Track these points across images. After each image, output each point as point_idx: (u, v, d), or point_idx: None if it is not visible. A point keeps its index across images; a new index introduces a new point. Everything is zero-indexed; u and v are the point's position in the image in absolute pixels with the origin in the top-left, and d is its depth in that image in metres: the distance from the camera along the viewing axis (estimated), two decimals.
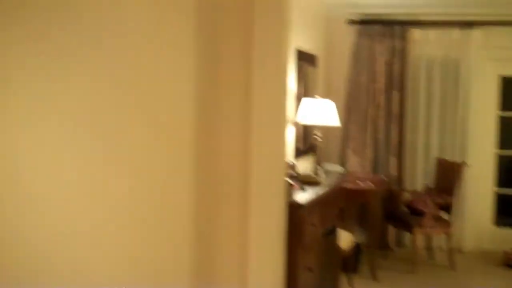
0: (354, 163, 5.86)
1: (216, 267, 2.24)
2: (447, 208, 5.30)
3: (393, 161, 5.84)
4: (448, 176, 5.39)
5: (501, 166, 6.12)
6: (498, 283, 5.03)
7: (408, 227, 5.18)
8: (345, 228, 4.41)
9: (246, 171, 2.20)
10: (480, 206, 6.02)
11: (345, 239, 4.25)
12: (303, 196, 3.29)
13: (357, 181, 4.95)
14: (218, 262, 2.24)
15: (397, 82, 5.81)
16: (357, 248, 4.79)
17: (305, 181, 3.71)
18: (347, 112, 5.89)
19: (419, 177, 5.89)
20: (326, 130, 5.21)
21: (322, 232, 3.59)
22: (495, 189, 6.10)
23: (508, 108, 6.06)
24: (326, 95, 5.41)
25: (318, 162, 4.61)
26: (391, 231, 5.77)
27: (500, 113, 6.03)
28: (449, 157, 5.78)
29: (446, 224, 5.26)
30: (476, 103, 5.84)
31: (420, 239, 5.23)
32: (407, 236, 5.86)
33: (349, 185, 4.76)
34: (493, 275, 5.23)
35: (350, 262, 4.61)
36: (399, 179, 5.86)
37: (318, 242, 3.50)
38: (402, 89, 5.84)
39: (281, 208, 2.30)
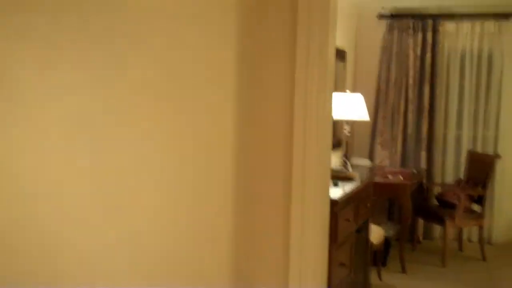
0: (382, 157, 5.89)
1: (257, 266, 2.25)
2: (478, 200, 5.31)
3: (423, 155, 5.84)
4: (480, 168, 5.37)
5: None
6: None
7: (440, 220, 5.20)
8: (375, 222, 4.47)
9: (289, 168, 2.17)
10: (511, 197, 5.99)
11: (375, 233, 4.32)
12: (336, 192, 3.34)
13: (387, 175, 4.99)
14: (259, 261, 2.24)
15: (428, 75, 5.80)
16: (386, 242, 4.85)
17: (338, 177, 3.76)
18: (376, 106, 5.92)
19: (449, 170, 5.91)
20: (354, 124, 5.26)
21: (355, 227, 3.66)
22: None
23: None
24: (355, 89, 5.45)
25: (346, 156, 4.66)
26: (420, 224, 5.80)
27: None
28: (480, 150, 5.77)
29: (478, 216, 5.26)
30: (509, 94, 5.79)
31: (451, 232, 5.25)
32: (436, 229, 5.88)
33: (379, 179, 4.80)
34: None
35: (379, 256, 4.68)
36: (429, 173, 5.87)
37: (351, 237, 3.57)
38: (433, 82, 5.82)
39: (326, 205, 2.30)
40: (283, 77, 2.14)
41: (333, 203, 3.16)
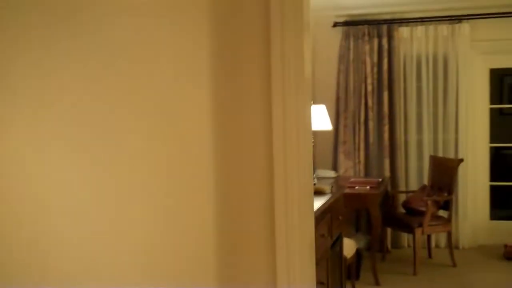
0: (346, 166, 5.78)
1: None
2: (444, 206, 5.25)
3: (386, 162, 5.77)
4: (444, 173, 5.33)
5: (494, 159, 6.09)
6: (502, 276, 4.98)
7: (408, 228, 5.11)
8: (346, 234, 4.32)
9: (271, 178, 2.04)
10: (476, 201, 5.99)
11: (347, 246, 4.17)
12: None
13: (353, 185, 4.86)
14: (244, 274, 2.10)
15: (386, 82, 5.75)
16: (358, 254, 4.71)
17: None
18: (337, 115, 5.83)
19: (413, 176, 5.85)
20: (316, 134, 5.12)
21: (330, 242, 3.50)
22: (490, 183, 6.07)
23: (499, 101, 6.04)
24: (315, 99, 5.32)
25: (313, 169, 4.51)
26: (389, 233, 5.71)
27: (492, 106, 6.01)
28: (442, 153, 5.74)
29: (446, 222, 5.21)
30: (467, 97, 5.80)
31: (420, 239, 5.16)
32: (404, 237, 5.80)
33: (347, 190, 4.67)
34: (495, 269, 5.19)
35: (352, 269, 4.53)
36: (393, 180, 5.80)
37: (327, 253, 3.41)
38: (391, 88, 5.78)
39: (311, 217, 2.15)
40: (260, 75, 2.01)
41: None
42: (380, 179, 5.21)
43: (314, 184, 3.88)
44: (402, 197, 5.68)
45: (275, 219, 2.01)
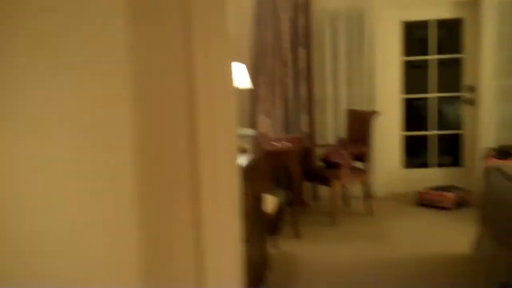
0: (265, 124, 5.83)
1: (168, 262, 2.07)
2: (361, 157, 5.43)
3: (304, 118, 5.86)
4: (360, 126, 5.49)
5: (406, 110, 6.33)
6: (416, 222, 5.27)
7: (326, 181, 5.25)
8: (268, 191, 4.38)
9: (195, 153, 1.99)
10: (390, 151, 6.24)
11: (269, 202, 4.23)
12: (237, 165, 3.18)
13: (273, 142, 4.92)
14: (171, 257, 2.06)
15: (302, 38, 5.77)
16: (279, 209, 4.80)
17: None
18: (255, 73, 5.82)
19: (331, 131, 6.00)
20: (236, 94, 5.10)
21: (252, 200, 3.53)
22: (403, 133, 6.32)
23: (410, 53, 6.24)
24: (233, 58, 5.28)
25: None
26: (308, 186, 5.85)
27: (404, 58, 6.20)
28: (359, 107, 5.90)
29: (362, 173, 5.40)
30: (380, 51, 5.94)
31: (337, 191, 5.33)
32: (322, 190, 5.98)
33: (267, 148, 4.72)
34: (410, 215, 5.48)
35: (274, 225, 4.62)
36: (312, 135, 5.91)
37: (251, 211, 3.45)
38: (308, 45, 5.82)
39: (235, 177, 2.13)
40: (180, 40, 1.93)
41: None
42: (299, 135, 5.29)
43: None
44: (321, 152, 5.81)
45: (200, 178, 1.98)
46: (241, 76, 4.48)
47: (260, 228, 3.88)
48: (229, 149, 2.07)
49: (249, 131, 5.26)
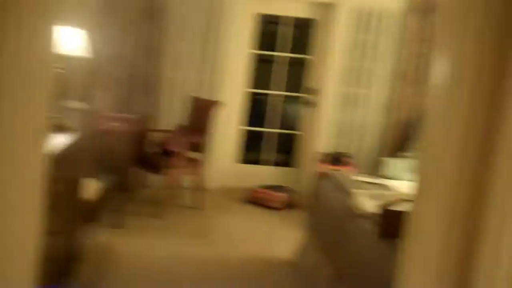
0: (102, 101, 5.33)
1: None
2: (198, 147, 5.19)
3: (148, 100, 5.48)
4: (201, 115, 5.25)
5: (249, 104, 6.22)
6: (244, 219, 5.19)
7: (158, 169, 4.94)
8: (90, 175, 3.95)
9: None
10: (227, 144, 6.09)
11: (90, 187, 3.81)
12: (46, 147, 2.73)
13: (107, 121, 4.48)
14: None
15: (155, 13, 5.38)
16: (102, 196, 4.38)
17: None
18: (97, 43, 5.29)
19: (176, 116, 5.63)
20: (70, 62, 4.57)
21: (68, 185, 3.11)
22: (242, 127, 6.21)
23: (263, 47, 6.13)
24: (72, 23, 4.73)
25: (59, 100, 3.99)
26: (139, 173, 5.47)
27: (253, 51, 6.06)
28: (206, 95, 5.63)
29: (196, 164, 5.16)
30: (231, 41, 5.75)
31: (169, 180, 5.04)
32: (154, 178, 5.64)
33: (99, 127, 4.27)
34: (239, 212, 5.39)
35: (93, 213, 4.20)
36: (154, 119, 5.54)
37: (63, 198, 3.02)
38: (160, 21, 5.43)
39: (38, 172, 1.75)
40: None
41: None
42: (137, 117, 4.90)
43: (57, 119, 3.40)
44: (160, 137, 5.46)
45: None
46: (78, 43, 3.99)
47: (73, 216, 3.46)
48: (33, 125, 1.68)
49: (80, 105, 4.75)
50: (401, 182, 4.26)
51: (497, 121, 1.33)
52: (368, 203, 3.29)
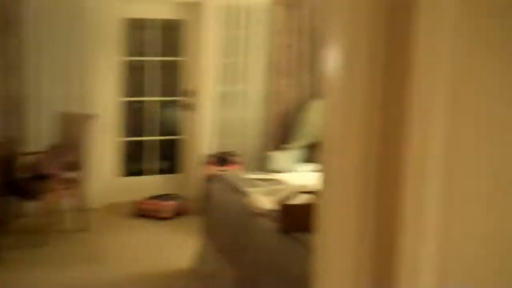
0: None
1: None
2: (75, 166, 4.84)
3: (12, 120, 5.01)
4: (74, 131, 4.91)
5: (126, 114, 5.93)
6: (135, 234, 4.94)
7: (32, 195, 4.53)
8: None
9: None
10: (106, 158, 5.77)
11: None
12: None
13: None
14: None
15: (10, 26, 4.94)
16: None
17: None
18: None
19: (45, 136, 5.17)
20: None
21: None
22: (120, 138, 5.91)
23: (132, 53, 5.87)
24: None
25: None
26: (11, 202, 4.98)
27: (123, 58, 5.78)
28: (76, 109, 5.25)
29: (75, 184, 4.82)
30: (100, 48, 5.44)
31: (47, 205, 4.64)
32: (31, 205, 5.17)
33: None
34: (128, 227, 5.12)
35: None
36: (22, 141, 5.07)
37: None
38: (18, 34, 5.00)
39: None
40: None
41: None
42: (3, 140, 4.46)
43: None
44: (31, 160, 5.00)
45: None
46: None
47: None
48: None
49: None
50: (290, 174, 4.25)
51: (396, 99, 1.27)
52: (264, 200, 3.22)
